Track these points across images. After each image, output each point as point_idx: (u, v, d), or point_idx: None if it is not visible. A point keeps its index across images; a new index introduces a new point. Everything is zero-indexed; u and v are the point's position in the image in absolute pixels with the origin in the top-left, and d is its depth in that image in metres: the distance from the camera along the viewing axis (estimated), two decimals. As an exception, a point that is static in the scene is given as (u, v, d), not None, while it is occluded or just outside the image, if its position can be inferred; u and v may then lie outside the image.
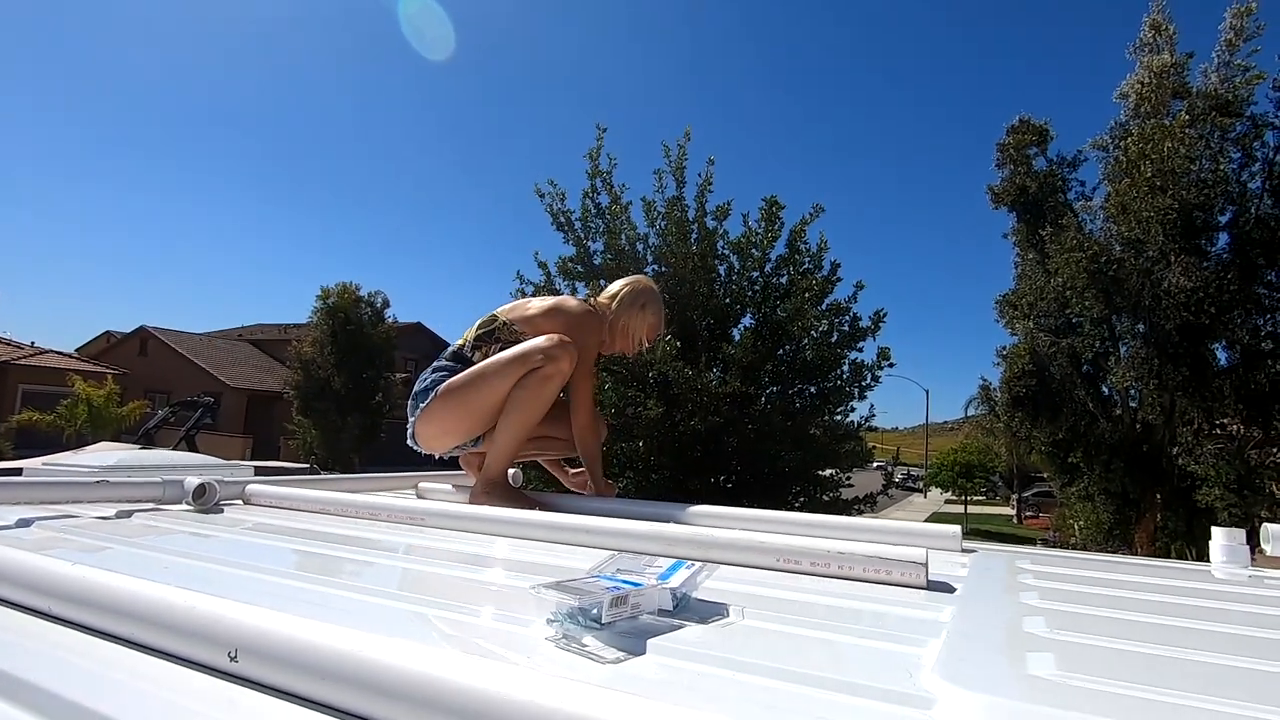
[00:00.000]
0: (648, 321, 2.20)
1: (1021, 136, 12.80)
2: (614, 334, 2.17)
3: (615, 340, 2.19)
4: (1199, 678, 0.64)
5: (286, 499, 1.62)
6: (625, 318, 2.16)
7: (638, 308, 2.17)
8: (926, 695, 0.54)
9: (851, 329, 6.45)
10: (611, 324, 2.16)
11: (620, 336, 2.18)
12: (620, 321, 2.16)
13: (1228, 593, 1.07)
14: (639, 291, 2.20)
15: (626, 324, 2.17)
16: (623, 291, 2.20)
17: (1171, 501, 11.49)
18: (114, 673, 0.58)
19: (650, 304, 2.20)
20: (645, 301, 2.19)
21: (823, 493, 6.38)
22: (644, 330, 2.20)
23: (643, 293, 2.21)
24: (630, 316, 2.17)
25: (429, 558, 1.16)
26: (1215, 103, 10.52)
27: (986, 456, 30.74)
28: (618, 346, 2.21)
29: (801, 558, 1.04)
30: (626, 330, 2.17)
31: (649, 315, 2.20)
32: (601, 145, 6.56)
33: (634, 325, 2.18)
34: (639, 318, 2.18)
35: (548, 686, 0.44)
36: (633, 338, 2.19)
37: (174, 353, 28.57)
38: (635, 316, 2.17)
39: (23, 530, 1.20)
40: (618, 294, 2.20)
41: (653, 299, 2.22)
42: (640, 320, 2.18)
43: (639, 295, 2.19)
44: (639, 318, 2.18)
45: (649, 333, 2.23)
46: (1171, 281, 10.31)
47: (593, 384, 2.11)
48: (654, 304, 2.22)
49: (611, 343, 2.19)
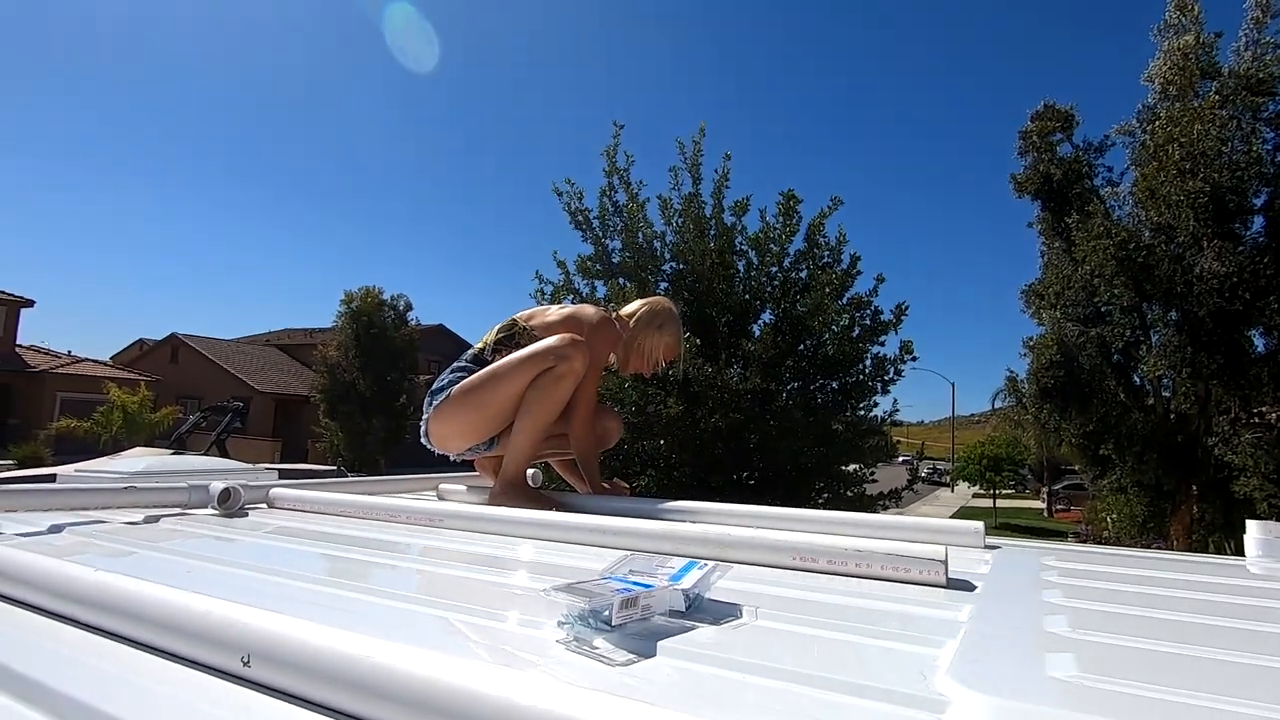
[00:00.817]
0: (665, 342, 2.19)
1: (1046, 123, 12.53)
2: (629, 352, 2.18)
3: (631, 359, 2.19)
4: (1225, 679, 0.62)
5: (308, 502, 1.64)
6: (642, 337, 2.16)
7: (655, 327, 2.17)
8: (940, 698, 0.53)
9: (873, 323, 6.38)
10: (628, 342, 2.16)
11: (636, 355, 2.18)
12: (637, 340, 2.16)
13: (1263, 589, 1.04)
14: (656, 312, 2.20)
15: (643, 343, 2.17)
16: (641, 311, 2.20)
17: (1208, 493, 11.20)
18: (132, 676, 0.59)
19: (668, 324, 2.20)
20: (663, 322, 2.19)
21: (846, 488, 6.31)
22: (660, 350, 2.20)
23: (660, 313, 2.20)
24: (647, 336, 2.17)
25: (444, 560, 1.17)
26: (1246, 82, 10.22)
27: (1015, 449, 30.24)
28: (632, 366, 2.21)
29: (818, 556, 1.03)
30: (643, 349, 2.17)
31: (666, 336, 2.19)
32: (619, 142, 6.55)
33: (650, 345, 2.17)
34: (656, 337, 2.18)
35: (554, 693, 0.44)
36: (648, 358, 2.19)
37: (204, 359, 29.19)
38: (652, 336, 2.17)
39: (54, 535, 1.23)
40: (635, 313, 2.20)
41: (670, 320, 2.21)
42: (657, 340, 2.18)
43: (656, 315, 2.19)
44: (656, 337, 2.18)
45: (666, 353, 2.22)
46: (1204, 267, 10.03)
47: (597, 390, 2.10)
48: (671, 324, 2.21)
49: (627, 361, 2.20)
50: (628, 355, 2.18)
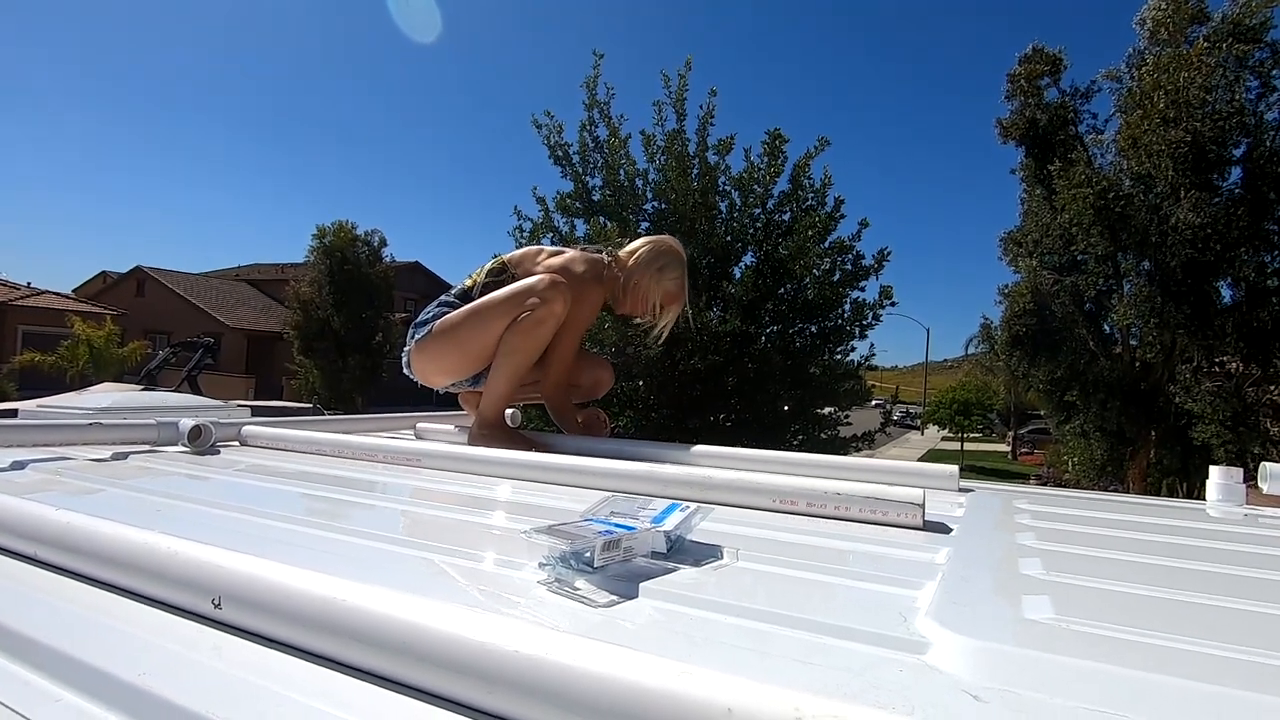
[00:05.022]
0: (664, 287, 2.05)
1: (1034, 66, 12.34)
2: (626, 291, 2.05)
3: (627, 298, 2.06)
4: (1194, 620, 0.63)
5: (282, 440, 1.61)
6: (639, 276, 2.03)
7: (655, 269, 2.03)
8: (920, 639, 0.53)
9: (854, 268, 6.36)
10: (625, 281, 2.03)
11: (632, 295, 2.05)
12: (634, 279, 2.03)
13: (1224, 532, 1.07)
14: (660, 253, 2.06)
15: (639, 283, 2.03)
16: (642, 250, 2.06)
17: (1166, 439, 11.62)
18: (100, 617, 0.57)
19: (669, 267, 2.05)
20: (664, 264, 2.04)
21: (821, 431, 6.42)
22: (658, 294, 2.05)
23: (664, 254, 2.06)
24: (644, 276, 2.03)
25: (423, 500, 1.16)
26: (1234, 28, 10.10)
27: (985, 394, 30.98)
28: (628, 306, 2.08)
29: (798, 498, 1.04)
30: (638, 290, 2.04)
31: (666, 280, 2.05)
32: (599, 74, 6.31)
33: (647, 286, 2.03)
34: (654, 280, 2.03)
35: (530, 635, 0.43)
36: (644, 299, 2.05)
37: (172, 293, 28.45)
38: (650, 278, 2.03)
39: (15, 473, 1.19)
40: (636, 250, 2.06)
41: (673, 263, 2.07)
42: (655, 283, 2.03)
43: (659, 256, 2.05)
44: (654, 280, 2.03)
45: (666, 300, 2.07)
46: (1179, 217, 10.12)
47: (577, 346, 2.02)
48: (673, 268, 2.06)
49: (623, 300, 2.07)
50: (624, 294, 2.05)
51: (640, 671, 0.39)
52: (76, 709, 0.46)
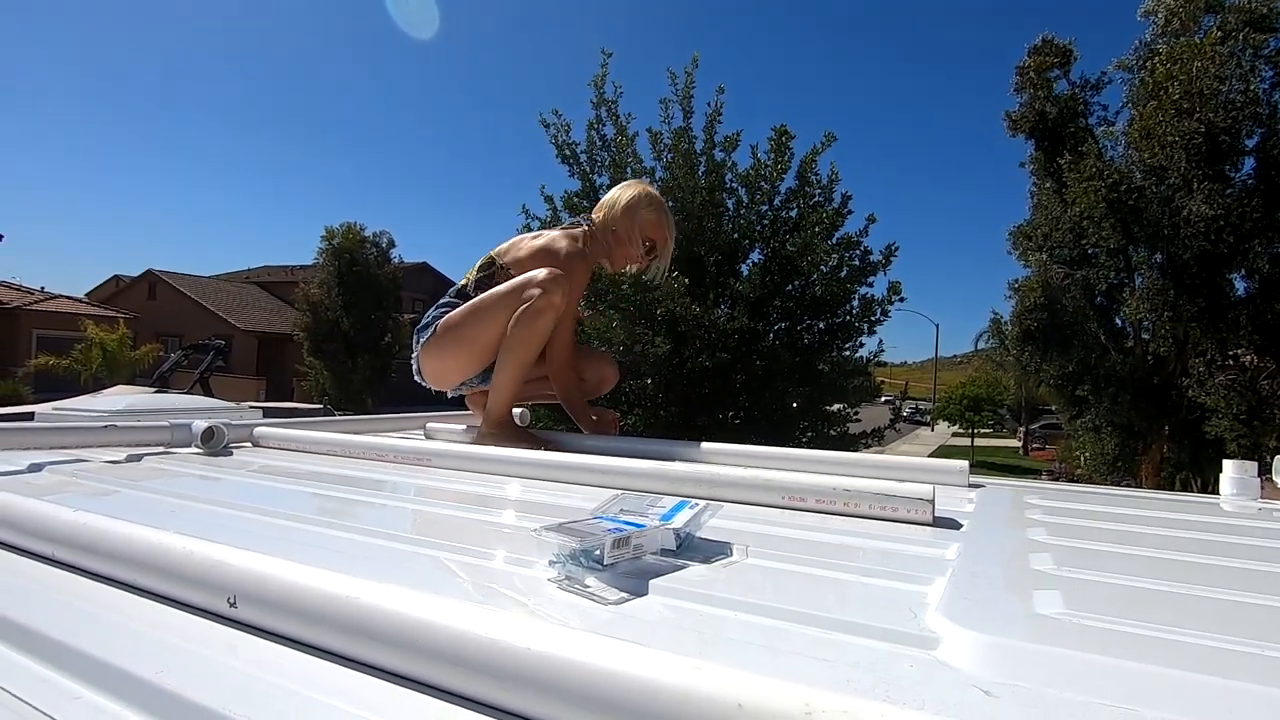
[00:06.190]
0: (641, 221, 1.99)
1: (1043, 58, 12.23)
2: (613, 246, 2.01)
3: (617, 253, 2.03)
4: (1206, 615, 0.63)
5: (294, 441, 1.63)
6: (616, 224, 1.99)
7: (628, 210, 1.99)
8: (931, 635, 0.53)
9: (862, 263, 6.34)
10: (606, 237, 2.00)
11: (619, 245, 2.01)
12: (613, 229, 1.99)
13: (1237, 526, 1.06)
14: (628, 195, 2.01)
15: (619, 230, 1.99)
16: (609, 198, 2.03)
17: (1178, 433, 11.51)
18: (117, 616, 0.58)
19: (640, 202, 2.00)
20: (634, 201, 1.99)
21: (830, 427, 6.40)
22: (640, 232, 2.00)
23: (631, 194, 2.01)
24: (620, 222, 1.99)
25: (433, 499, 1.17)
26: (1249, 17, 9.97)
27: (995, 390, 30.75)
28: (620, 259, 2.05)
29: (807, 495, 1.04)
30: (621, 235, 1.99)
31: (642, 214, 1.99)
32: (606, 72, 6.32)
33: (628, 229, 1.99)
34: (630, 220, 1.99)
35: (542, 632, 0.43)
36: (631, 242, 2.00)
37: (183, 296, 28.65)
38: (626, 219, 1.99)
39: (33, 475, 1.21)
40: (605, 203, 2.02)
41: (642, 197, 2.00)
42: (632, 222, 1.99)
43: (628, 199, 2.00)
44: (630, 220, 1.99)
45: (651, 230, 2.02)
46: (1192, 210, 10.01)
47: (574, 327, 2.01)
48: (644, 201, 2.00)
49: (613, 257, 2.03)
50: (611, 251, 2.02)
51: (651, 668, 0.39)
52: (96, 706, 0.46)
